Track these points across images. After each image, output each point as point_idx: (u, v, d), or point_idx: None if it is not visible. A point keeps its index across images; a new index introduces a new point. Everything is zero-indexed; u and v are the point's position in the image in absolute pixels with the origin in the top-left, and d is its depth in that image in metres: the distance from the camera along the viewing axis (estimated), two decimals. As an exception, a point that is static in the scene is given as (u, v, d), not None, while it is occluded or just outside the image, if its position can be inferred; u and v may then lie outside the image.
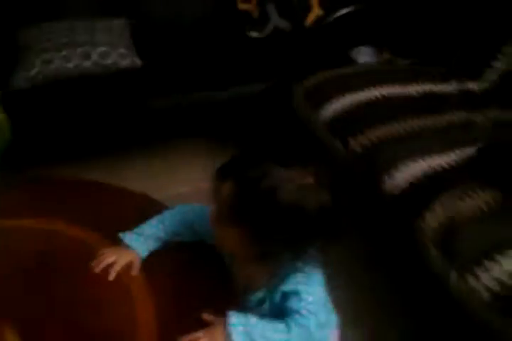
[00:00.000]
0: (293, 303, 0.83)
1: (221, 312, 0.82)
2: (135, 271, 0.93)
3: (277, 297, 0.86)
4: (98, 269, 0.93)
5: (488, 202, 1.28)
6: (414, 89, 1.82)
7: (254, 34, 2.36)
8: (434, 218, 1.28)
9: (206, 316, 0.84)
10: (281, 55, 2.17)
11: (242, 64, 2.11)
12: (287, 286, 0.85)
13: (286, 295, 0.85)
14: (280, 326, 0.82)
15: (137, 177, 1.90)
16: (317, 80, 1.87)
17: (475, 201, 1.29)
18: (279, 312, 0.86)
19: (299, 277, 0.85)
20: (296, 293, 0.84)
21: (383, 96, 1.75)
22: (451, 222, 1.25)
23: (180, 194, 1.90)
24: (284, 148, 0.87)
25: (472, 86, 1.88)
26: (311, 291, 0.84)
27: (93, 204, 1.08)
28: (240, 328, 0.79)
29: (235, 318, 0.80)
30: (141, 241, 0.96)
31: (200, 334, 0.81)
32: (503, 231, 1.21)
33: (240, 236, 0.81)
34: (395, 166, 1.45)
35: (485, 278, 1.11)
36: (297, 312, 0.83)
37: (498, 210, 1.26)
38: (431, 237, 1.25)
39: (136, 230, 0.98)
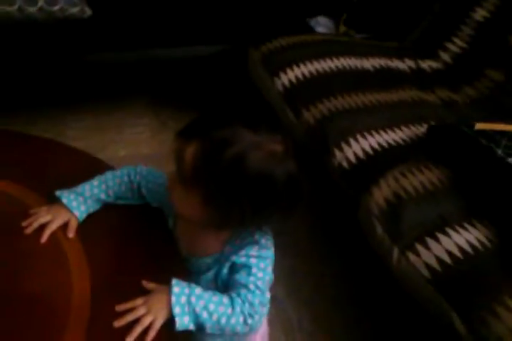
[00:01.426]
0: (242, 277, 0.80)
1: (163, 280, 0.78)
2: (71, 233, 0.87)
3: (226, 267, 0.83)
4: (30, 230, 0.86)
5: (433, 180, 1.30)
6: (370, 63, 1.80)
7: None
8: (380, 194, 1.28)
9: (146, 284, 0.80)
10: (240, 17, 2.09)
11: (198, 23, 2.02)
12: (240, 258, 0.81)
13: (235, 267, 0.82)
14: (225, 299, 0.79)
15: (78, 136, 1.82)
16: (275, 46, 1.82)
17: (420, 179, 1.30)
18: (225, 283, 0.83)
19: (254, 250, 0.82)
20: (246, 267, 0.81)
21: (339, 68, 1.73)
22: (396, 198, 1.26)
23: (122, 156, 1.82)
24: (252, 111, 0.82)
25: (425, 65, 1.89)
26: (262, 267, 0.81)
27: (30, 160, 1.00)
28: (183, 298, 0.75)
29: (178, 288, 0.76)
30: (79, 202, 0.89)
31: (138, 302, 0.77)
32: (445, 209, 1.22)
33: (201, 200, 0.76)
34: (345, 140, 1.44)
35: (425, 256, 1.12)
36: (245, 286, 0.79)
37: (442, 189, 1.28)
38: (376, 214, 1.25)
39: (75, 189, 0.90)
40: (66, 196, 0.89)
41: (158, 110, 2.03)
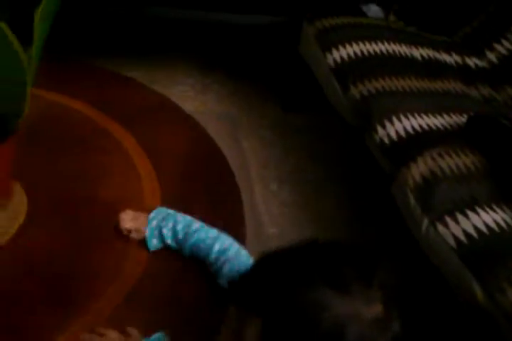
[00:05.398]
0: None
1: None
2: None
3: None
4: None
5: (468, 164, 1.36)
6: (419, 52, 1.85)
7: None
8: (417, 170, 1.35)
9: None
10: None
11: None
12: None
13: None
14: None
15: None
16: (330, 23, 1.87)
17: (457, 161, 1.36)
18: None
19: None
20: None
21: (389, 52, 1.78)
22: (432, 175, 1.32)
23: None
24: (333, 251, 0.67)
25: (471, 62, 1.94)
26: None
27: (109, 92, 1.10)
28: None
29: None
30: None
31: None
32: (477, 191, 1.28)
33: None
34: (389, 118, 1.50)
35: (454, 228, 1.19)
36: None
37: (476, 173, 1.33)
38: (411, 186, 1.32)
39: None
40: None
41: (205, 72, 2.09)
